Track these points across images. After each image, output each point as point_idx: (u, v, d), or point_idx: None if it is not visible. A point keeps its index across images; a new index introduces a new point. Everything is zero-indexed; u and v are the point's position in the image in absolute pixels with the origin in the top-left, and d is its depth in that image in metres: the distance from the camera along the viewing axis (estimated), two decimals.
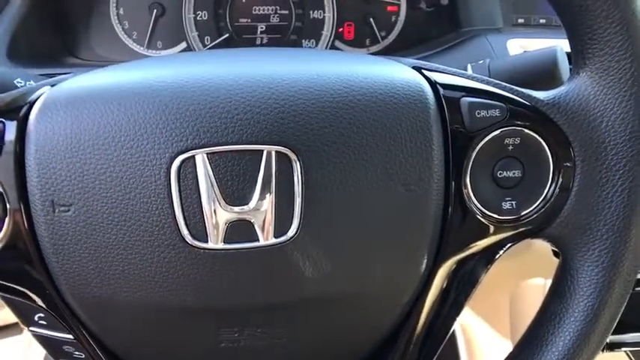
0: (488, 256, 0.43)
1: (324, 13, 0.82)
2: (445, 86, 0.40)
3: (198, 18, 0.81)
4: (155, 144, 0.36)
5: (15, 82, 0.53)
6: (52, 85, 0.41)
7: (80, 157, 0.37)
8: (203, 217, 0.36)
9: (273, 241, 0.37)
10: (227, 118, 0.36)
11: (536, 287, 0.78)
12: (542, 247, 0.48)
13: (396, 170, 0.38)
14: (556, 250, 0.44)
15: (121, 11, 0.81)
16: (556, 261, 0.44)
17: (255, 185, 0.36)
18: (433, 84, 0.40)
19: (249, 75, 0.38)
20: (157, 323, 0.41)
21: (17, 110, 0.39)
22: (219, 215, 0.36)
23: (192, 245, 0.37)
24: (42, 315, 0.41)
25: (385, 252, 0.40)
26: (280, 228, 0.37)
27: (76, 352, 0.42)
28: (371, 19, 0.82)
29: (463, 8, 0.77)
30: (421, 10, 0.83)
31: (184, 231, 0.37)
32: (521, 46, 0.66)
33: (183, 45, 0.82)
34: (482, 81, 0.41)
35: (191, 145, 0.36)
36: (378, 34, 0.83)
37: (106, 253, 0.38)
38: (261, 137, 0.36)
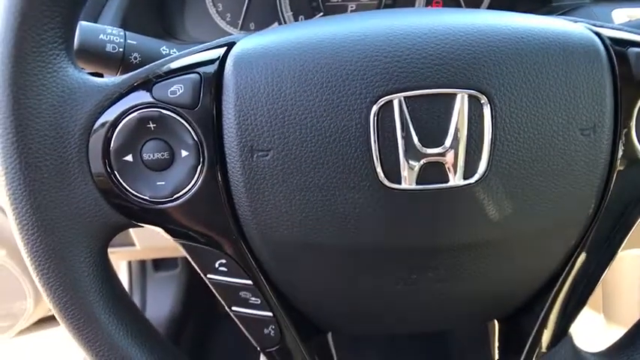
0: None
1: None
2: (612, 39, 0.42)
3: None
4: (356, 89, 0.38)
5: (161, 49, 0.55)
6: (226, 45, 0.43)
7: (281, 103, 0.39)
8: (398, 158, 0.38)
9: (462, 182, 0.39)
10: (422, 63, 0.38)
11: (631, 258, 0.79)
12: None
13: (574, 115, 0.40)
14: None
15: None
16: None
17: (448, 128, 0.38)
18: (601, 37, 0.42)
19: (437, 25, 0.39)
20: (341, 264, 0.43)
21: (202, 65, 0.41)
22: (413, 157, 0.38)
23: (386, 186, 0.39)
24: (223, 261, 0.43)
25: (560, 194, 0.41)
26: (469, 169, 0.39)
27: (252, 298, 0.44)
28: None
29: None
30: None
31: (380, 173, 0.38)
32: (628, 16, 0.67)
33: (276, 26, 0.84)
34: None
35: (389, 90, 0.38)
36: None
37: (302, 196, 0.39)
38: (455, 81, 0.38)
